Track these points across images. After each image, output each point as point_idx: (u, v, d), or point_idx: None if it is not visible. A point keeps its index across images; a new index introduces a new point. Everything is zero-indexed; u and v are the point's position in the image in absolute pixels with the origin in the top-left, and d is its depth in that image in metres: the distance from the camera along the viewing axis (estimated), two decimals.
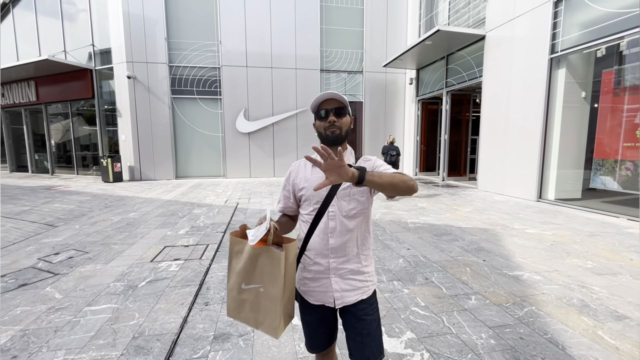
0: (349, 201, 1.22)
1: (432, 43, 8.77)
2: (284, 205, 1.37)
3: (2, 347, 2.09)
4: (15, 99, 13.52)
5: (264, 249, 1.11)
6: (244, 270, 1.15)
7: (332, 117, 1.21)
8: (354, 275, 1.24)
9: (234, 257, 1.19)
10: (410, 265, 3.45)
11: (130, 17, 10.48)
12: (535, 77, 6.72)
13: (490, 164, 8.13)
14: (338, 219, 1.21)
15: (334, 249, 1.22)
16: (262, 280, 1.13)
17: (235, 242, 1.19)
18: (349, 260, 1.23)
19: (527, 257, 3.61)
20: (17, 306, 2.63)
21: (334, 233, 1.22)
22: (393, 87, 12.37)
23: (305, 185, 1.27)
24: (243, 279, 1.16)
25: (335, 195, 1.21)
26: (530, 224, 5.05)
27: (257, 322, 1.16)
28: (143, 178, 11.18)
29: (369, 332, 1.22)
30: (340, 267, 1.23)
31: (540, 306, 2.54)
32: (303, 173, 1.30)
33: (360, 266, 1.25)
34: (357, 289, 1.24)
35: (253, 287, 1.15)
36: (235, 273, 1.17)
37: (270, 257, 1.10)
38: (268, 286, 1.12)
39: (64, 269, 3.41)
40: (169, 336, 2.20)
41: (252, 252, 1.12)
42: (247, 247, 1.13)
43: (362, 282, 1.25)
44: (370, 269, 1.29)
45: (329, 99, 1.22)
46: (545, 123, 6.61)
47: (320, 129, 1.24)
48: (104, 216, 5.85)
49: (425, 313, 2.47)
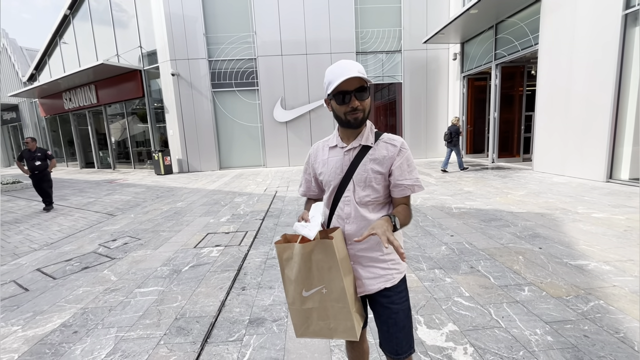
0: (364, 187, 1.13)
1: (478, 12, 7.98)
2: (305, 189, 1.33)
3: (66, 323, 2.32)
4: (80, 103, 15.02)
5: (314, 244, 1.04)
6: (300, 275, 1.07)
7: (354, 101, 1.05)
8: (375, 263, 1.16)
9: (285, 265, 1.11)
10: (454, 252, 3.21)
11: (171, 17, 10.97)
12: (604, 39, 5.80)
13: (548, 142, 7.30)
14: (352, 204, 1.14)
15: (351, 235, 1.15)
16: (322, 279, 1.05)
17: (282, 249, 1.10)
18: (368, 249, 1.15)
19: (594, 245, 3.17)
20: (80, 287, 2.92)
21: (349, 219, 1.15)
22: (435, 65, 11.59)
23: (323, 169, 1.21)
24: (303, 286, 1.08)
25: (351, 179, 1.13)
26: (597, 207, 4.45)
27: (330, 329, 1.08)
28: (190, 170, 11.87)
29: (396, 321, 1.14)
30: (360, 254, 1.16)
31: (610, 300, 2.21)
32: (321, 156, 1.23)
33: (381, 254, 1.16)
34: (380, 277, 1.15)
35: (315, 290, 1.07)
36: (293, 282, 1.09)
37: (323, 250, 1.03)
38: (330, 283, 1.05)
39: (119, 254, 3.72)
40: (207, 319, 2.28)
41: (303, 251, 1.05)
42: (297, 249, 1.06)
43: (385, 269, 1.16)
44: (395, 257, 1.18)
45: (350, 77, 1.03)
46: (617, 93, 5.72)
47: (339, 112, 1.10)
48: (155, 206, 6.30)
49: (469, 304, 2.27)
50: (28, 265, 3.54)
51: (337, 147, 1.18)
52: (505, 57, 8.62)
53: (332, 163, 1.18)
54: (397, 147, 1.13)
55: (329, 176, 1.18)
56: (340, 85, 1.04)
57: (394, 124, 12.23)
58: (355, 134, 1.15)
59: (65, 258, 3.70)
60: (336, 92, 1.06)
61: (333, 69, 1.07)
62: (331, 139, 1.23)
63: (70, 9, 14.46)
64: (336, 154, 1.18)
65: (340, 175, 1.16)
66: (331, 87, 1.05)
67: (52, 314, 2.46)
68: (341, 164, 1.16)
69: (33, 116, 20.14)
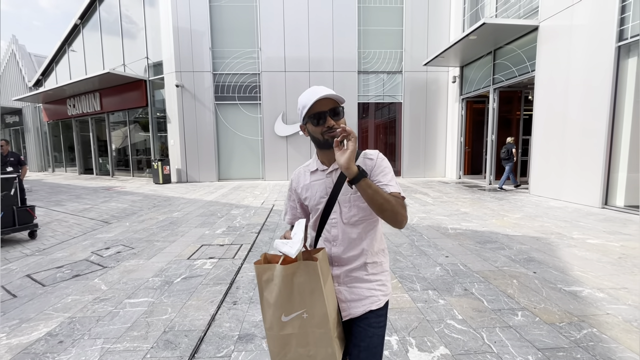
0: (350, 207, 1.12)
1: (477, 38, 8.23)
2: (291, 217, 1.29)
3: (52, 332, 2.28)
4: (83, 109, 15.18)
5: (296, 265, 0.98)
6: (280, 298, 0.99)
7: (329, 121, 1.05)
8: (360, 284, 1.14)
9: (265, 288, 1.03)
10: (448, 274, 3.20)
11: (179, 31, 11.25)
12: (599, 68, 5.97)
13: (544, 166, 7.38)
14: (340, 226, 1.13)
15: (338, 257, 1.14)
16: (303, 304, 0.99)
17: (262, 270, 1.03)
18: (354, 269, 1.14)
19: (588, 271, 3.17)
20: (69, 295, 2.87)
21: (336, 241, 1.14)
22: (435, 86, 11.83)
23: (307, 194, 1.19)
24: (282, 310, 1.00)
25: (336, 201, 1.13)
26: (592, 233, 4.46)
27: (310, 357, 1.02)
28: (189, 180, 11.88)
29: (368, 345, 1.09)
30: (345, 275, 1.15)
31: (603, 329, 2.19)
32: (303, 181, 1.22)
33: (366, 274, 1.14)
34: (365, 299, 1.13)
35: (295, 315, 1.00)
36: (272, 306, 1.01)
37: (306, 271, 0.97)
38: (312, 308, 0.99)
39: (112, 263, 3.68)
40: (196, 333, 2.24)
41: (285, 272, 0.98)
42: (278, 271, 0.99)
43: (371, 290, 1.14)
44: (380, 278, 1.16)
45: (323, 98, 1.04)
46: (612, 120, 5.84)
47: (316, 134, 1.09)
48: (151, 215, 6.27)
49: (462, 327, 2.25)
50: (18, 271, 3.49)
51: (318, 170, 1.18)
52: (503, 82, 8.83)
53: (315, 187, 1.17)
54: (373, 159, 1.13)
55: (314, 200, 1.17)
56: (314, 106, 1.05)
57: (394, 142, 12.36)
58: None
59: (57, 265, 3.66)
60: (311, 114, 1.06)
61: (305, 94, 1.08)
62: (311, 163, 1.23)
63: (81, 19, 14.84)
64: (318, 177, 1.17)
65: (325, 198, 1.14)
66: (305, 109, 1.06)
67: (39, 322, 2.42)
68: (325, 186, 1.15)
69: (36, 121, 20.28)
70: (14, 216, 4.64)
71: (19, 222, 4.69)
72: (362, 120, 12.18)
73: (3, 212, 4.49)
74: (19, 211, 4.71)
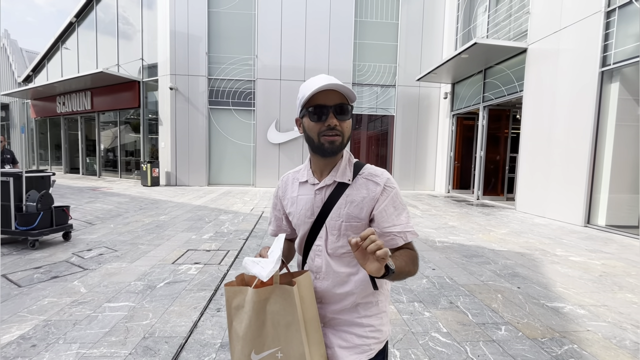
0: (338, 237, 0.91)
1: (468, 56, 8.48)
2: (275, 228, 1.09)
3: (25, 335, 2.19)
4: (73, 108, 14.94)
5: (270, 290, 0.81)
6: (250, 331, 0.82)
7: (332, 119, 0.85)
8: (350, 328, 0.94)
9: (234, 316, 0.86)
10: (435, 286, 3.21)
11: (176, 35, 11.27)
12: (583, 92, 6.21)
13: (530, 183, 7.56)
14: (324, 256, 0.93)
15: (322, 293, 0.94)
16: (277, 340, 0.81)
17: (232, 293, 0.85)
18: (343, 311, 0.94)
19: (570, 288, 3.23)
20: (45, 297, 2.77)
21: (320, 274, 0.94)
22: (427, 102, 12.08)
23: (292, 209, 0.99)
24: (252, 346, 0.82)
25: (324, 225, 0.92)
26: (575, 250, 4.56)
27: None
28: (178, 183, 11.72)
29: None
30: (332, 316, 0.95)
31: (583, 345, 2.22)
32: (290, 192, 1.01)
33: (358, 316, 0.93)
34: (355, 347, 0.92)
35: (268, 353, 0.81)
36: (240, 340, 0.83)
37: (281, 298, 0.80)
38: (287, 346, 0.81)
39: (93, 265, 3.58)
40: (177, 339, 2.18)
41: (257, 298, 0.80)
42: (249, 295, 0.81)
43: (362, 337, 0.93)
44: (374, 322, 0.95)
45: (330, 89, 0.83)
46: (594, 142, 6.05)
47: (312, 132, 0.88)
48: (137, 217, 6.15)
49: (446, 340, 2.25)
50: None
51: (307, 183, 0.97)
52: (492, 100, 9.08)
53: (301, 203, 0.96)
54: (379, 185, 0.90)
55: (297, 219, 0.97)
56: (317, 96, 0.84)
57: (385, 154, 12.50)
58: (329, 166, 0.94)
59: (35, 265, 3.53)
60: (310, 106, 0.85)
61: (309, 81, 0.87)
62: (302, 170, 1.01)
63: (76, 17, 14.73)
64: (306, 192, 0.96)
65: (310, 220, 0.94)
66: (304, 98, 0.85)
67: (12, 325, 2.32)
68: (312, 205, 0.94)
69: (23, 117, 19.83)
70: (52, 217, 4.33)
71: (56, 222, 4.38)
72: (354, 131, 12.30)
73: (42, 213, 4.15)
74: (57, 211, 4.39)
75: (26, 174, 4.24)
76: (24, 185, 4.19)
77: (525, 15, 7.93)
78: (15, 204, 4.13)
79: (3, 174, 4.22)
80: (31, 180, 4.36)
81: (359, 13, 11.64)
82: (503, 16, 8.89)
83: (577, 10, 6.37)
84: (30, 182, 4.34)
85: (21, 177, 4.17)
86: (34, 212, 4.12)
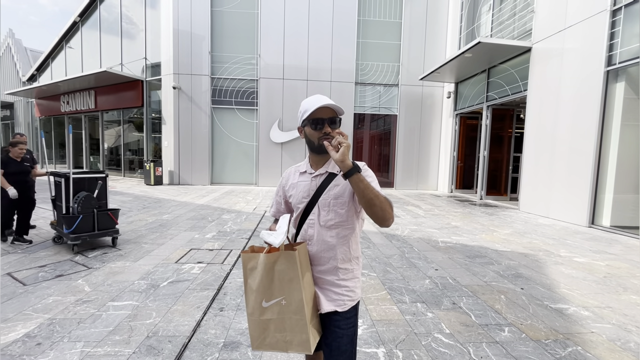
0: (328, 211, 1.21)
1: (472, 56, 8.43)
2: (275, 210, 1.41)
3: (30, 334, 2.21)
4: (77, 107, 15.02)
5: (277, 255, 1.09)
6: (262, 285, 1.11)
7: (327, 128, 1.17)
8: (329, 287, 1.23)
9: (249, 275, 1.15)
10: (437, 287, 3.20)
11: (179, 34, 11.28)
12: (588, 91, 6.16)
13: (534, 183, 7.51)
14: (316, 227, 1.23)
15: (312, 255, 1.23)
16: (282, 290, 1.09)
17: (248, 258, 1.15)
18: (326, 272, 1.23)
19: (574, 289, 3.21)
20: (50, 295, 2.80)
21: (312, 241, 1.23)
22: (430, 101, 12.03)
23: (292, 192, 1.30)
24: (263, 296, 1.11)
25: (317, 203, 1.22)
26: (579, 251, 4.53)
27: (286, 342, 1.10)
28: (181, 182, 11.76)
29: (338, 345, 1.19)
30: (318, 276, 1.24)
31: (587, 347, 2.21)
32: (292, 180, 1.33)
33: (337, 279, 1.23)
34: (332, 301, 1.22)
35: (275, 301, 1.11)
36: (254, 292, 1.13)
37: (286, 260, 1.08)
38: (289, 295, 1.09)
39: (97, 264, 3.60)
40: (180, 339, 2.20)
41: (267, 261, 1.09)
42: (261, 259, 1.10)
43: (338, 294, 1.22)
44: (350, 284, 1.25)
45: (325, 106, 1.17)
46: (599, 142, 6.00)
47: (312, 137, 1.21)
48: (140, 216, 6.18)
49: (449, 342, 2.25)
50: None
51: (306, 172, 1.29)
52: (496, 99, 9.03)
53: (300, 187, 1.27)
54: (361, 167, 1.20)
55: (296, 199, 1.27)
56: (315, 112, 1.16)
57: (388, 154, 12.47)
58: (323, 161, 1.25)
59: (40, 264, 3.56)
60: (311, 119, 1.18)
61: (309, 99, 1.21)
62: (302, 165, 1.34)
63: (80, 17, 14.79)
64: (305, 179, 1.28)
65: (306, 199, 1.24)
66: (307, 113, 1.18)
67: (17, 323, 2.34)
68: (308, 188, 1.25)
69: (27, 116, 19.99)
70: (94, 220, 4.09)
71: (99, 227, 4.14)
72: (357, 131, 12.28)
73: (82, 216, 3.94)
74: (100, 215, 4.15)
75: (73, 175, 4.09)
76: (70, 187, 4.05)
77: (529, 14, 7.87)
78: (65, 206, 4.06)
79: (56, 175, 4.22)
80: (82, 181, 4.22)
81: (362, 12, 11.60)
82: (507, 15, 8.82)
83: (582, 9, 6.32)
84: (81, 183, 4.20)
85: (68, 178, 4.03)
86: (74, 215, 3.96)
